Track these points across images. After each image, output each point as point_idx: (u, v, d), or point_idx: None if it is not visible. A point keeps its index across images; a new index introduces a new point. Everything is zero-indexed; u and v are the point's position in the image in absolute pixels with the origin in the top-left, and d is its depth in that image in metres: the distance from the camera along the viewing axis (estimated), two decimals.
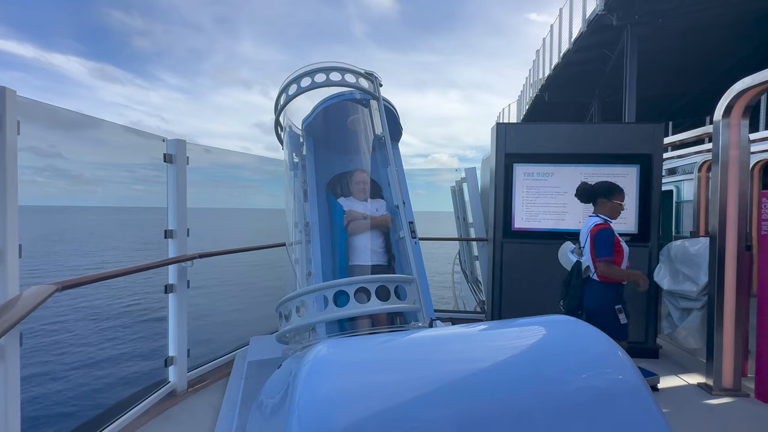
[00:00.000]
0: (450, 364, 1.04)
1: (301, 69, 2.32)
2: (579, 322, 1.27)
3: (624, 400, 1.02)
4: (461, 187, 5.13)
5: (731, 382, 2.57)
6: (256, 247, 3.33)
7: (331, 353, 1.05)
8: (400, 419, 0.87)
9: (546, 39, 13.25)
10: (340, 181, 2.68)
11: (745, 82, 2.45)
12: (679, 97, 13.27)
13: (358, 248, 2.40)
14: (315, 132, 2.79)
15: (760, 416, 2.29)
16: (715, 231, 2.64)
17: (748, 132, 2.61)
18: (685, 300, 2.99)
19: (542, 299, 3.32)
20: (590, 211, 2.62)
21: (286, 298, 1.74)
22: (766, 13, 8.41)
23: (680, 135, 5.00)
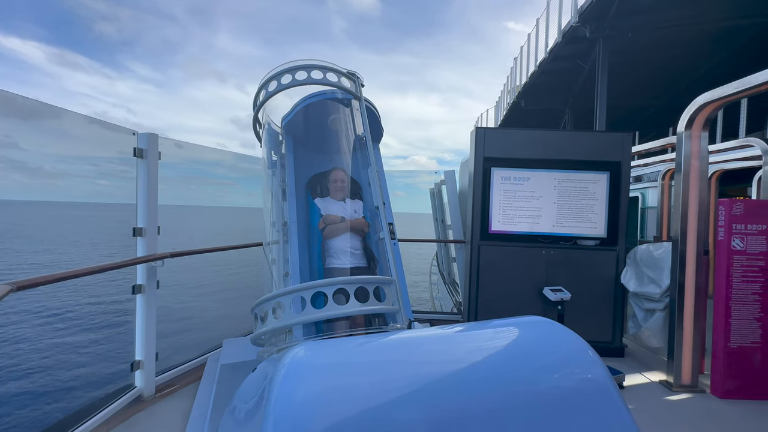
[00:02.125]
0: (427, 365, 1.04)
1: (282, 66, 2.28)
2: (552, 323, 1.31)
3: (593, 397, 1.06)
4: (440, 189, 5.19)
5: (689, 379, 2.72)
6: (231, 247, 3.24)
7: (308, 356, 1.03)
8: (377, 422, 0.87)
9: (523, 47, 13.64)
10: (319, 180, 2.64)
11: (706, 97, 2.60)
12: (645, 109, 13.97)
13: (336, 250, 2.37)
14: (295, 130, 2.74)
15: (714, 411, 2.44)
16: (677, 236, 2.80)
17: (707, 143, 2.77)
18: (649, 301, 3.14)
19: (517, 300, 3.42)
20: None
21: (262, 299, 1.70)
22: (724, 33, 9.00)
23: (646, 144, 5.26)
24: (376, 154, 2.51)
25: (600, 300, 3.39)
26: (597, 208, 3.41)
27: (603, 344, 3.34)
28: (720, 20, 8.47)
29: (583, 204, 3.41)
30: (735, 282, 2.62)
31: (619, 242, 3.39)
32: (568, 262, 3.38)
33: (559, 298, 3.13)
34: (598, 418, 1.03)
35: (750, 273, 2.62)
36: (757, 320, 2.61)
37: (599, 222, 3.41)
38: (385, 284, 1.77)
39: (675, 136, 2.89)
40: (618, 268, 3.37)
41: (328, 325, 2.19)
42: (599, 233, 3.41)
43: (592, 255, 3.40)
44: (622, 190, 3.39)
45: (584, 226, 3.41)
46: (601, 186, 3.40)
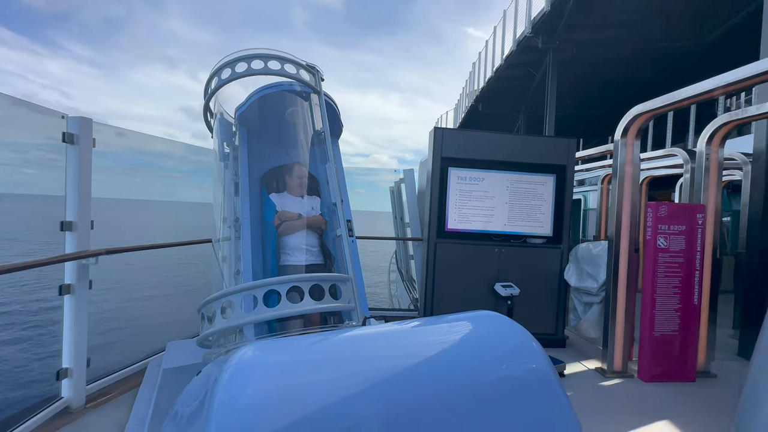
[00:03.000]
0: (378, 361, 1.05)
1: (237, 53, 2.18)
2: (500, 317, 1.37)
3: (536, 386, 1.13)
4: (399, 187, 5.25)
5: (620, 366, 2.99)
6: (175, 244, 3.04)
7: (256, 355, 0.99)
8: (327, 420, 0.86)
9: (481, 53, 14.16)
10: (275, 175, 2.55)
11: (638, 109, 2.86)
12: (589, 117, 15.10)
13: (292, 247, 2.31)
14: (249, 121, 2.63)
15: (640, 393, 2.70)
16: (612, 235, 3.05)
17: (639, 151, 3.05)
18: (588, 295, 3.40)
19: (471, 296, 3.55)
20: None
21: (210, 297, 1.62)
22: (655, 53, 9.95)
23: (588, 150, 5.68)
24: (335, 149, 2.47)
25: (545, 295, 3.61)
26: (544, 209, 3.63)
27: (547, 336, 3.57)
28: (651, 41, 9.37)
29: (532, 204, 3.61)
30: (659, 277, 2.91)
31: (563, 241, 3.63)
32: (518, 259, 3.57)
33: (509, 294, 3.29)
34: (539, 405, 1.10)
35: (671, 269, 2.92)
36: (676, 311, 2.92)
37: (546, 222, 3.63)
38: (342, 282, 1.75)
39: (613, 143, 3.15)
40: (562, 265, 3.61)
41: (282, 324, 2.13)
42: (546, 232, 3.63)
43: (539, 252, 3.62)
44: (567, 192, 3.63)
45: (533, 226, 3.61)
46: (548, 188, 3.62)
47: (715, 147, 3.10)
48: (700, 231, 2.94)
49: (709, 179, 3.10)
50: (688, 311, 2.93)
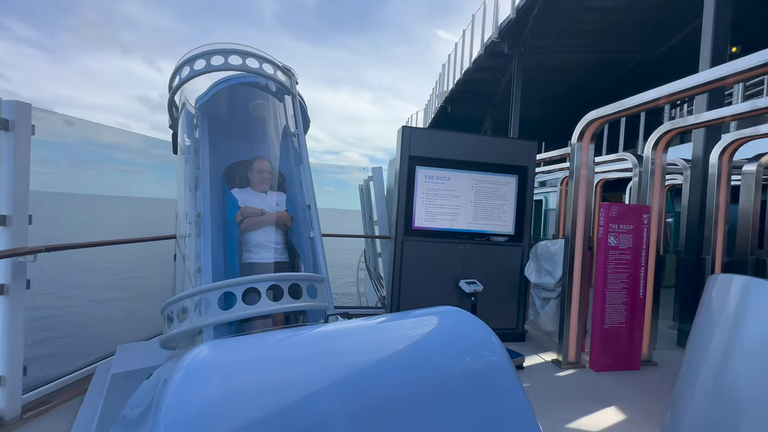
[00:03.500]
0: (339, 357, 1.04)
1: (213, 45, 2.10)
2: (460, 312, 1.40)
3: (493, 378, 1.17)
4: (368, 185, 5.25)
5: (574, 357, 3.16)
6: (125, 240, 2.87)
7: (212, 354, 0.96)
8: (285, 420, 0.85)
9: (451, 55, 14.42)
10: (238, 169, 2.47)
11: (592, 115, 3.04)
12: (552, 121, 15.81)
13: (254, 244, 2.24)
14: (212, 113, 2.53)
15: (591, 382, 2.87)
16: (568, 234, 3.22)
17: (594, 155, 3.23)
18: (546, 291, 3.57)
19: (437, 293, 3.61)
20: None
21: (180, 296, 1.54)
22: (611, 62, 10.57)
23: (548, 153, 5.95)
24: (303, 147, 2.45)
25: (507, 291, 3.75)
26: (507, 208, 3.76)
27: (508, 330, 3.72)
28: (608, 51, 9.95)
29: (495, 204, 3.73)
30: (609, 273, 3.11)
31: (524, 239, 3.79)
32: (482, 256, 3.68)
33: (472, 290, 3.39)
34: (496, 397, 1.14)
35: (620, 265, 3.13)
36: (624, 305, 3.13)
37: (508, 220, 3.77)
38: (318, 282, 1.76)
39: (570, 147, 3.31)
40: (523, 262, 3.77)
41: (249, 325, 2.07)
42: (508, 231, 3.77)
43: (501, 250, 3.75)
44: (528, 192, 3.79)
45: (496, 224, 3.74)
46: (511, 188, 3.76)
47: (659, 153, 3.35)
48: (645, 230, 3.17)
49: (654, 182, 3.34)
50: (634, 305, 3.15)
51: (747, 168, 3.89)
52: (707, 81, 2.24)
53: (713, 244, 3.62)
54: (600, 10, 8.45)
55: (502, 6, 9.77)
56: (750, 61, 2.03)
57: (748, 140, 3.49)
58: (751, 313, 1.48)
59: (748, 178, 3.85)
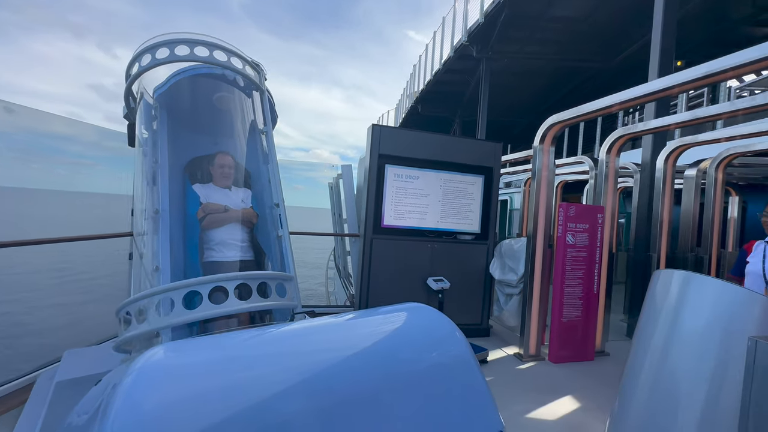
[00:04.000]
0: (302, 356, 1.03)
1: (179, 34, 2.00)
2: (426, 308, 1.43)
3: (457, 372, 1.20)
4: (338, 183, 5.21)
5: (534, 351, 3.31)
6: (74, 238, 2.68)
7: (167, 356, 0.92)
8: (246, 422, 0.82)
9: (422, 56, 14.59)
10: (200, 164, 2.37)
11: (553, 119, 3.18)
12: (517, 124, 16.41)
13: (217, 242, 2.16)
14: (172, 105, 2.41)
15: (549, 373, 3.02)
16: (530, 233, 3.36)
17: (554, 157, 3.39)
18: (509, 287, 3.71)
19: (405, 291, 3.65)
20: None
21: (141, 295, 1.47)
22: (571, 70, 11.13)
23: (513, 155, 6.17)
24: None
25: (473, 288, 3.86)
26: (473, 207, 3.87)
27: (474, 326, 3.83)
28: (568, 60, 10.47)
29: (462, 203, 3.82)
30: (567, 269, 3.28)
31: (489, 237, 3.91)
32: (449, 254, 3.77)
33: (440, 287, 3.46)
34: (460, 390, 1.18)
35: (577, 262, 3.31)
36: (580, 299, 3.31)
37: (475, 219, 3.87)
38: (286, 280, 1.75)
39: (532, 149, 3.46)
40: (488, 260, 3.89)
41: (211, 326, 2.00)
42: (474, 229, 3.88)
43: (468, 248, 3.85)
44: (493, 192, 3.91)
45: (463, 223, 3.83)
46: (477, 187, 3.87)
47: (612, 157, 3.57)
48: (600, 229, 3.37)
49: (608, 185, 3.56)
50: (589, 299, 3.35)
51: (688, 173, 4.23)
52: (654, 91, 2.42)
53: (658, 242, 3.92)
54: (562, 20, 8.88)
55: (471, 10, 10.01)
56: (691, 74, 2.21)
57: (690, 147, 3.80)
58: (688, 304, 1.61)
59: (689, 182, 4.19)
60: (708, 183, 4.24)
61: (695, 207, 4.20)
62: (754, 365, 0.87)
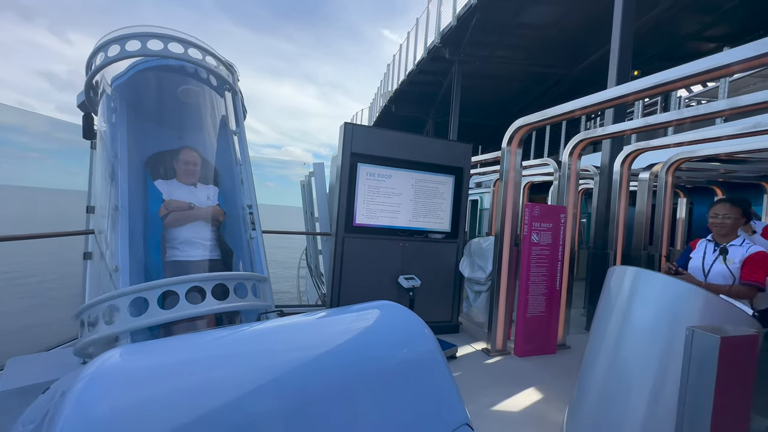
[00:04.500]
0: (269, 355, 1.02)
1: (151, 28, 1.94)
2: (395, 306, 1.45)
3: (424, 368, 1.23)
4: (310, 181, 5.15)
5: (501, 345, 3.43)
6: (20, 237, 2.50)
7: (122, 360, 0.87)
8: (205, 426, 0.80)
9: (396, 56, 14.67)
10: (163, 159, 2.27)
11: (520, 122, 3.30)
12: (487, 126, 16.85)
13: (181, 241, 2.08)
14: (134, 96, 2.30)
15: (515, 367, 3.14)
16: (498, 231, 3.47)
17: (521, 158, 3.52)
18: (478, 285, 3.81)
19: (377, 289, 3.67)
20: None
21: (108, 296, 1.40)
22: (540, 76, 11.56)
23: (482, 156, 6.34)
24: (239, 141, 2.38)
25: (443, 285, 3.94)
26: (444, 206, 3.94)
27: (444, 323, 3.91)
28: (536, 66, 10.88)
29: (434, 202, 3.89)
30: (532, 267, 3.42)
31: (459, 236, 4.00)
32: (420, 253, 3.82)
33: (410, 285, 3.50)
34: (427, 386, 1.20)
35: (541, 260, 3.45)
36: (543, 295, 3.46)
37: (445, 218, 3.95)
38: (261, 281, 1.77)
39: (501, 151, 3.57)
40: (458, 258, 3.98)
41: (174, 329, 1.93)
42: (445, 228, 3.96)
43: (438, 247, 3.92)
44: (463, 192, 4.01)
45: (434, 222, 3.90)
46: (448, 187, 3.95)
47: (574, 159, 3.75)
48: (562, 228, 3.53)
49: (570, 186, 3.74)
50: (552, 295, 3.50)
51: (641, 176, 4.52)
52: (611, 98, 2.56)
53: (615, 240, 4.16)
54: (530, 27, 9.21)
55: (444, 13, 10.17)
56: (644, 83, 2.37)
57: (643, 152, 4.06)
58: (638, 298, 1.73)
59: (642, 184, 4.48)
60: (659, 185, 4.54)
61: (648, 208, 4.49)
62: (691, 352, 0.95)
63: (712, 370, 0.89)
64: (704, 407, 0.90)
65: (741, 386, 0.97)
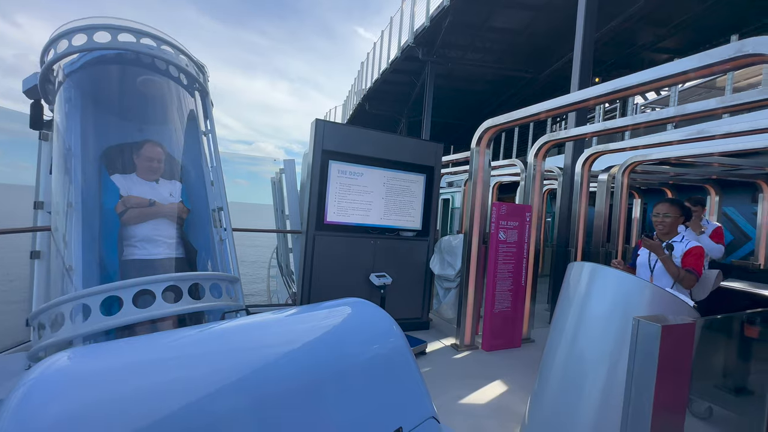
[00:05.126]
0: (234, 354, 1.00)
1: (121, 21, 1.88)
2: (365, 303, 1.46)
3: (393, 363, 1.25)
4: (281, 179, 5.05)
5: (469, 340, 3.52)
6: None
7: (72, 363, 0.82)
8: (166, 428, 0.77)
9: (370, 54, 14.64)
10: (122, 153, 2.15)
11: (488, 123, 3.40)
12: (459, 127, 17.18)
13: (140, 239, 1.98)
14: (89, 84, 2.16)
15: (482, 361, 3.23)
16: (467, 229, 3.56)
17: (490, 159, 3.62)
18: (447, 281, 3.89)
19: (348, 287, 3.66)
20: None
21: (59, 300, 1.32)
22: (509, 79, 11.92)
23: (453, 155, 6.46)
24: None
25: (414, 283, 3.99)
26: (415, 205, 3.99)
27: (414, 320, 3.96)
28: (505, 69, 11.22)
29: (405, 200, 3.93)
30: (499, 264, 3.53)
31: (430, 234, 4.07)
32: (391, 251, 3.85)
33: (382, 283, 3.52)
34: (395, 381, 1.22)
35: (507, 257, 3.58)
36: (509, 291, 3.59)
37: (417, 216, 4.00)
38: (233, 282, 1.78)
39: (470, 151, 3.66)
40: (428, 256, 4.04)
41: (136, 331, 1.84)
42: (416, 226, 4.01)
43: (409, 245, 3.97)
44: (434, 190, 4.07)
45: (405, 220, 3.94)
46: (419, 186, 4.00)
47: (539, 161, 3.91)
48: (527, 227, 3.67)
49: (535, 186, 3.89)
50: (518, 291, 3.64)
51: (600, 177, 4.78)
52: (572, 102, 2.69)
53: (576, 238, 4.38)
54: (500, 31, 9.48)
55: (418, 13, 10.26)
56: (602, 89, 2.51)
57: (602, 154, 4.29)
58: (594, 291, 1.83)
59: (601, 185, 4.74)
60: (616, 187, 4.82)
61: (606, 207, 4.75)
62: (636, 340, 1.03)
63: (654, 356, 0.96)
64: (647, 390, 0.97)
65: (680, 370, 1.05)
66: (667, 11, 8.01)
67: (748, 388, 2.22)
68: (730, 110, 2.70)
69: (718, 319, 1.58)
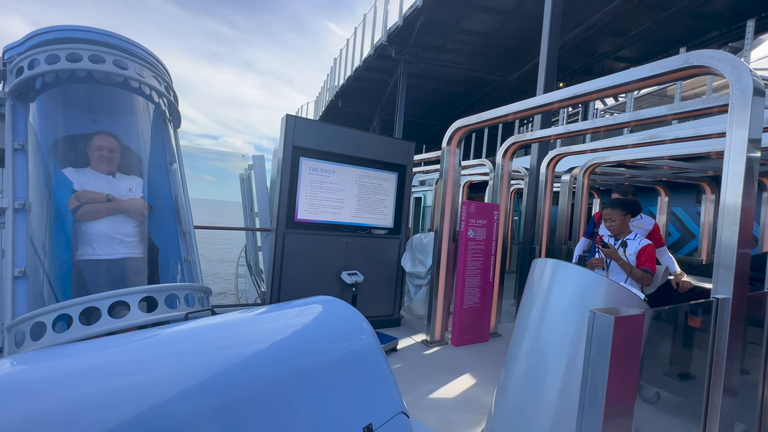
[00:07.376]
0: (194, 355, 0.96)
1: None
2: (335, 301, 1.46)
3: (363, 360, 1.25)
4: (249, 175, 4.92)
5: (439, 336, 3.59)
6: None
7: (15, 371, 0.77)
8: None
9: (343, 51, 14.51)
10: (74, 144, 2.01)
11: (458, 123, 3.47)
12: (432, 126, 17.42)
13: (95, 237, 1.87)
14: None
15: (452, 356, 3.31)
16: (438, 227, 3.62)
17: (461, 158, 3.70)
18: (418, 279, 3.95)
19: (319, 285, 3.63)
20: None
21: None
22: (480, 81, 12.23)
23: (425, 154, 6.55)
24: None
25: (386, 280, 4.02)
26: (387, 203, 4.01)
27: (386, 317, 3.98)
28: (476, 71, 11.49)
29: (377, 198, 3.94)
30: (468, 261, 3.62)
31: (402, 232, 4.10)
32: (363, 248, 3.85)
33: (353, 281, 3.52)
34: (365, 377, 1.23)
35: (476, 254, 3.68)
36: (478, 287, 3.69)
37: (388, 214, 4.02)
38: (206, 293, 1.77)
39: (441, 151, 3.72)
40: (400, 253, 4.08)
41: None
42: (388, 224, 4.03)
43: (381, 242, 3.98)
44: (406, 189, 4.11)
45: (377, 218, 3.95)
46: (391, 184, 4.02)
47: (506, 161, 4.04)
48: (495, 225, 3.79)
49: (502, 185, 4.02)
50: (486, 287, 3.75)
51: (563, 178, 5.01)
52: (537, 105, 2.80)
53: (540, 236, 4.57)
54: (471, 33, 9.69)
55: (391, 11, 10.28)
56: (564, 94, 2.63)
57: (565, 156, 4.50)
58: (555, 286, 1.92)
59: (564, 185, 4.97)
60: (578, 187, 5.07)
61: (568, 207, 4.99)
62: (592, 331, 1.09)
63: (608, 345, 1.03)
64: (601, 376, 1.03)
65: (631, 358, 1.13)
66: (625, 22, 8.52)
67: (691, 373, 2.41)
68: (679, 117, 2.92)
69: (665, 311, 1.71)
